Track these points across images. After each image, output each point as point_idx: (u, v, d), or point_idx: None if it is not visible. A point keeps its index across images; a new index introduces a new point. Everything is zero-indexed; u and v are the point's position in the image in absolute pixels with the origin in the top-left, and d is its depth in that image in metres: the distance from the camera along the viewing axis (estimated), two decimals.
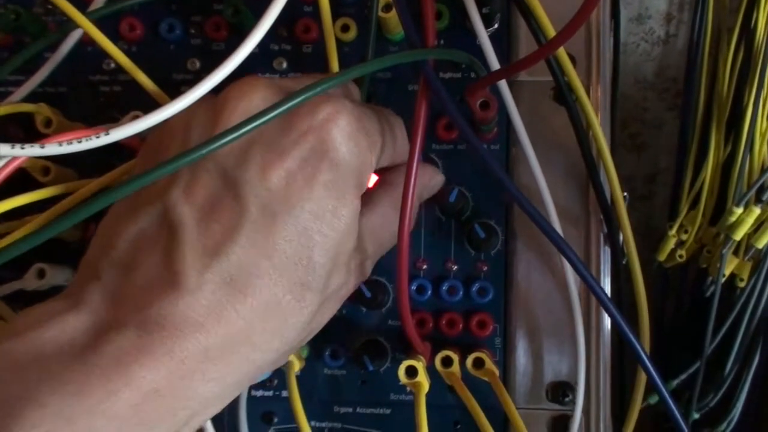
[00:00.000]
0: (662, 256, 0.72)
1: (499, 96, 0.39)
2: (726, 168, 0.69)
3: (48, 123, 0.42)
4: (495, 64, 0.39)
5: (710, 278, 0.69)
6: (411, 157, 0.34)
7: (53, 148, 0.30)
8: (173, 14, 0.45)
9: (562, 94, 0.39)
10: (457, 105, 0.35)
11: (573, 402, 0.41)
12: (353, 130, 0.33)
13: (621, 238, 0.42)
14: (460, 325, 0.42)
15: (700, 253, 0.72)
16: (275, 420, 0.44)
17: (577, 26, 0.30)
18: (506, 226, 0.43)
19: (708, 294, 0.69)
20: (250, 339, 0.31)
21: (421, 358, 0.39)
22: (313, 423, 0.43)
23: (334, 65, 0.39)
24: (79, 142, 0.30)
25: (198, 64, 0.45)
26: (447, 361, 0.39)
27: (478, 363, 0.40)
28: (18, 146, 0.30)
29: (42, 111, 0.41)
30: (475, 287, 0.42)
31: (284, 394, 0.43)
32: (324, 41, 0.40)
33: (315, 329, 0.36)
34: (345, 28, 0.43)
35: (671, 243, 0.72)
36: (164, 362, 0.29)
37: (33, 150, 0.30)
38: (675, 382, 0.74)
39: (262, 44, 0.43)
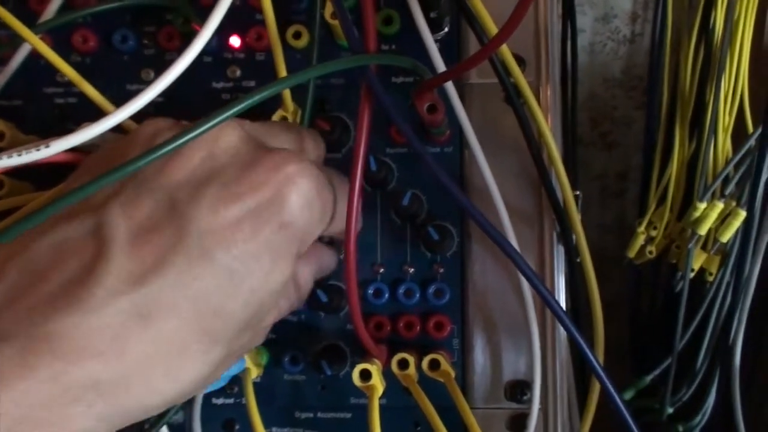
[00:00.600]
0: (632, 253, 0.73)
1: (447, 100, 0.40)
2: (692, 164, 0.70)
3: (1, 136, 0.42)
4: (441, 66, 0.39)
5: (680, 273, 0.70)
6: (354, 167, 0.34)
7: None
8: (126, 25, 0.45)
9: (509, 95, 0.39)
10: (405, 111, 0.36)
11: (531, 401, 0.41)
12: (311, 198, 0.33)
13: (574, 236, 0.42)
14: (418, 328, 0.42)
15: (669, 248, 0.72)
16: (237, 427, 0.44)
17: (515, 23, 0.30)
18: (461, 227, 0.43)
19: (678, 289, 0.70)
20: (147, 380, 0.29)
21: (376, 361, 0.39)
22: (274, 429, 0.43)
23: (282, 72, 0.39)
24: (19, 155, 0.30)
25: (152, 75, 0.45)
26: (403, 364, 0.40)
27: (434, 364, 0.40)
28: None
29: None
30: (431, 289, 0.43)
31: (245, 401, 0.43)
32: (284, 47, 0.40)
33: (209, 384, 0.34)
34: (297, 35, 0.44)
35: (640, 239, 0.72)
36: (45, 387, 0.26)
37: None
38: (649, 378, 0.75)
39: (215, 53, 0.44)
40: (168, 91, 0.36)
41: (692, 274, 0.67)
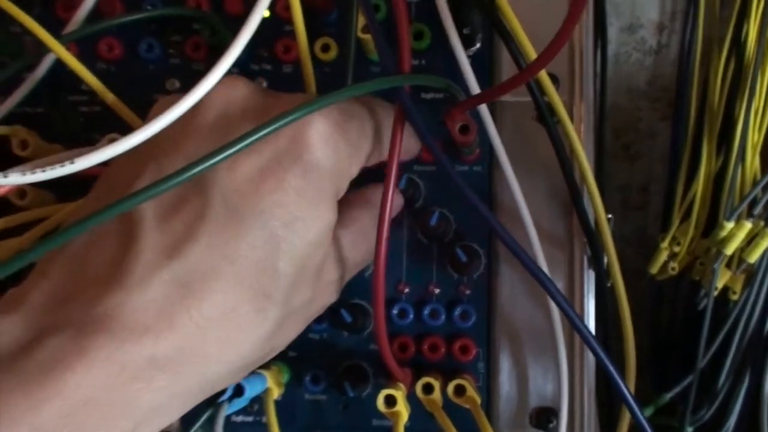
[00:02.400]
0: (654, 269, 0.72)
1: (479, 118, 0.39)
2: (718, 180, 0.69)
3: (24, 145, 0.41)
4: (474, 86, 0.38)
5: (703, 291, 0.69)
6: (386, 189, 0.33)
7: (16, 177, 0.29)
8: (152, 34, 0.45)
9: (543, 115, 0.38)
10: (435, 130, 0.35)
11: (557, 428, 0.40)
12: (332, 134, 0.31)
13: (606, 260, 0.41)
14: (443, 350, 0.42)
15: (692, 265, 0.71)
16: None
17: (557, 48, 0.29)
18: (489, 249, 0.42)
19: (701, 307, 0.69)
20: (203, 349, 0.29)
21: (401, 385, 0.38)
22: None
23: (311, 88, 0.38)
24: (43, 171, 0.29)
25: (177, 84, 0.45)
26: (428, 388, 0.39)
27: (460, 390, 0.39)
28: None
29: (17, 133, 0.41)
30: (457, 311, 0.42)
31: (265, 419, 0.43)
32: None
33: (277, 347, 0.34)
34: (325, 48, 0.43)
35: (663, 255, 0.71)
36: (102, 367, 0.26)
37: None
38: (669, 395, 0.74)
39: (242, 64, 0.43)
40: None
41: (716, 293, 0.66)
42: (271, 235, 0.30)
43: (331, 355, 0.43)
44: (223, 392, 0.37)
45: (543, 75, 0.38)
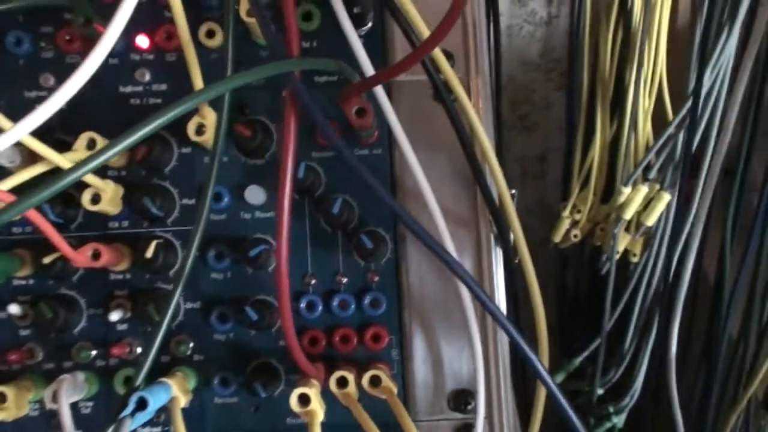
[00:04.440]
0: (557, 237, 0.73)
1: (375, 99, 0.37)
2: (613, 147, 0.70)
3: None
4: (368, 67, 0.37)
5: (605, 256, 0.70)
6: (283, 174, 0.31)
7: None
8: (20, 26, 0.41)
9: (440, 94, 0.37)
10: (329, 110, 0.33)
11: (475, 409, 0.39)
12: None
13: (512, 237, 0.41)
14: (355, 341, 0.40)
15: (593, 231, 0.72)
16: None
17: (450, 25, 0.28)
18: (395, 233, 0.41)
19: (603, 271, 0.70)
20: None
21: (314, 382, 0.37)
22: None
23: (197, 77, 0.36)
24: None
25: (52, 80, 0.42)
26: (342, 382, 0.38)
27: (375, 381, 0.38)
28: None
29: None
30: (367, 299, 0.41)
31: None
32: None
33: None
34: (210, 34, 0.41)
35: (565, 224, 0.72)
36: None
37: None
38: (578, 360, 0.75)
39: (122, 55, 0.41)
40: (72, 99, 0.32)
41: (617, 256, 0.67)
42: None
43: (240, 356, 0.41)
44: (124, 407, 0.34)
45: (437, 52, 0.37)
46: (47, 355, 0.41)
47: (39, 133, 0.33)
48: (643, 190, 0.62)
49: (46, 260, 0.39)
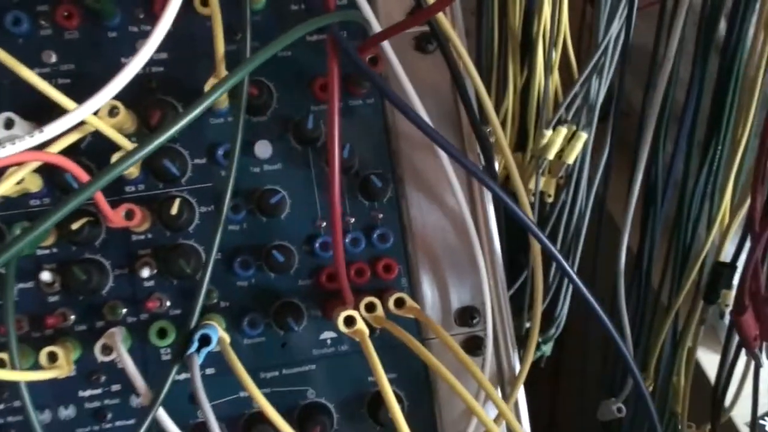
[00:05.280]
0: None
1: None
2: (523, 96, 0.76)
3: None
4: (373, 20, 0.41)
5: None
6: (331, 119, 0.35)
7: None
8: (17, 6, 0.42)
9: (438, 41, 0.41)
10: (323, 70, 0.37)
11: (481, 323, 0.45)
12: None
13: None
14: (368, 273, 0.44)
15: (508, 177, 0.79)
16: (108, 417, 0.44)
17: None
18: (393, 174, 0.45)
19: None
20: None
21: (349, 308, 0.41)
22: (241, 394, 0.44)
23: (220, 45, 0.39)
24: (13, 144, 0.28)
25: (54, 57, 0.43)
26: (370, 307, 0.42)
27: (399, 302, 0.42)
28: None
29: None
30: (375, 235, 0.45)
31: (114, 388, 0.44)
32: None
33: None
34: (204, 3, 0.43)
35: None
36: None
37: None
38: (509, 292, 0.81)
39: (121, 28, 0.43)
40: None
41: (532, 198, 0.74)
42: None
43: (263, 299, 0.44)
44: (186, 347, 0.37)
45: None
46: (78, 317, 0.43)
47: None
48: (563, 131, 0.69)
49: (75, 226, 0.41)
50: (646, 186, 0.67)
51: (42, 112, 0.39)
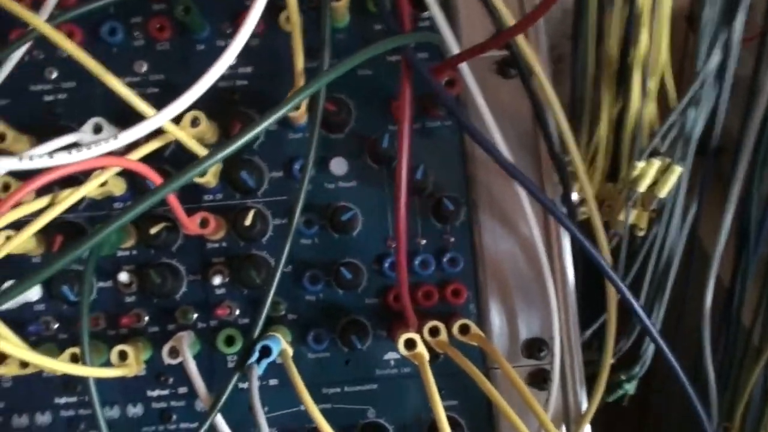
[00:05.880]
0: None
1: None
2: (617, 126, 0.74)
3: (2, 138, 0.40)
4: (452, 41, 0.41)
5: (611, 230, 0.74)
6: (401, 139, 0.35)
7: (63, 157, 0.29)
8: (112, 17, 0.44)
9: (518, 66, 0.41)
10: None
11: (549, 356, 0.44)
12: None
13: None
14: (436, 296, 0.44)
15: (600, 208, 0.77)
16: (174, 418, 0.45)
17: (547, 7, 0.32)
18: (467, 197, 0.45)
19: (612, 245, 0.74)
20: None
21: (412, 331, 0.41)
22: (301, 408, 0.44)
23: (299, 60, 0.40)
24: (89, 149, 0.30)
25: (145, 66, 0.45)
26: (434, 331, 0.41)
27: (464, 329, 0.42)
28: (26, 158, 0.29)
29: None
30: (446, 258, 0.44)
31: (181, 390, 0.45)
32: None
33: None
34: (289, 19, 0.44)
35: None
36: None
37: (41, 161, 0.29)
38: (588, 332, 0.79)
39: (207, 41, 0.44)
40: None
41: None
42: None
43: (329, 314, 0.44)
44: (247, 357, 0.38)
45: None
46: (151, 319, 0.44)
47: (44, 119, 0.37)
48: (656, 163, 0.67)
49: (153, 230, 0.42)
50: (740, 221, 0.65)
51: (133, 119, 0.41)
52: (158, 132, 0.38)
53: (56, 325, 0.44)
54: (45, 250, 0.43)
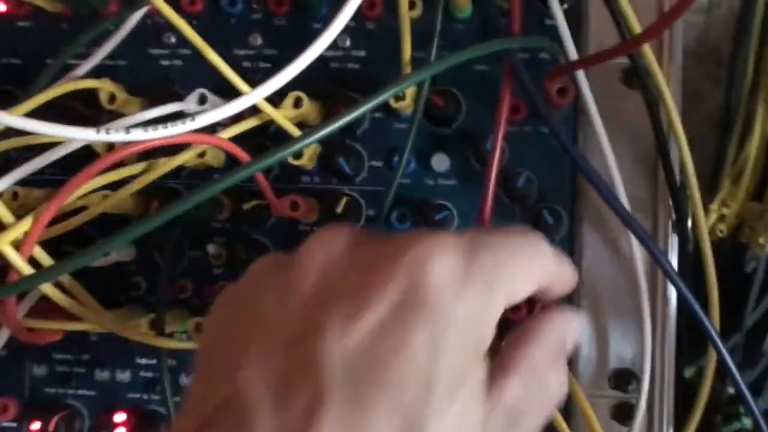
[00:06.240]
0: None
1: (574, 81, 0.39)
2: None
3: (111, 99, 0.41)
4: (571, 48, 0.38)
5: (750, 253, 0.69)
6: (494, 145, 0.33)
7: (138, 134, 0.30)
8: None
9: (639, 76, 0.38)
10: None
11: (636, 390, 0.41)
12: (459, 273, 0.25)
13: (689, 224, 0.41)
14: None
15: (740, 228, 0.71)
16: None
17: (672, 20, 0.29)
18: (571, 211, 0.42)
19: (749, 269, 0.69)
20: None
21: None
22: None
23: (407, 48, 0.38)
24: (165, 128, 0.30)
25: (260, 40, 0.44)
26: None
27: None
28: (103, 131, 0.30)
29: (106, 87, 0.41)
30: None
31: None
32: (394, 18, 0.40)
33: None
34: (412, 5, 0.42)
35: (712, 218, 0.71)
36: None
37: (118, 135, 0.29)
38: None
39: (325, 20, 0.43)
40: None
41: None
42: (405, 414, 0.24)
43: None
44: None
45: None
46: None
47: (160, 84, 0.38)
48: None
49: (246, 206, 0.42)
50: None
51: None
52: (256, 110, 0.38)
53: (144, 287, 0.45)
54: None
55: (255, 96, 0.35)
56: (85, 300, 0.37)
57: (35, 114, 0.35)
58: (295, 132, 0.39)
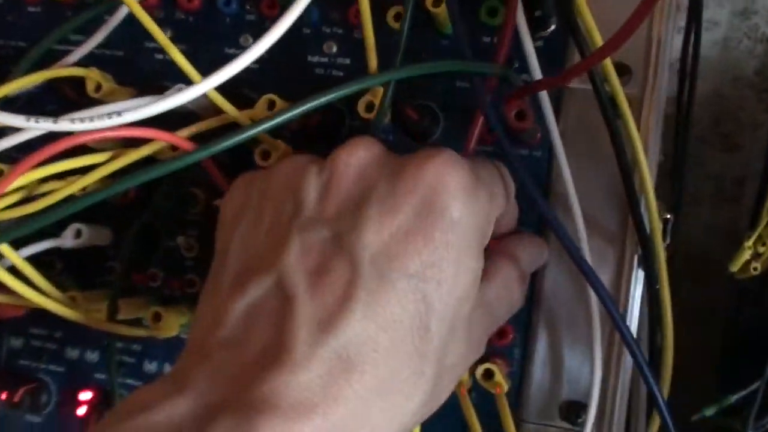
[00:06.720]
0: (735, 267, 0.69)
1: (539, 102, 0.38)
2: None
3: (98, 88, 0.42)
4: (537, 71, 0.37)
5: None
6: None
7: (64, 125, 0.30)
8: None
9: (603, 107, 0.37)
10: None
11: (584, 424, 0.39)
12: (470, 184, 0.31)
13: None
14: None
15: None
16: None
17: (623, 38, 0.28)
18: (539, 235, 0.42)
19: None
20: (369, 420, 0.28)
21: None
22: None
23: (372, 59, 0.38)
24: (91, 121, 0.30)
25: (250, 41, 0.45)
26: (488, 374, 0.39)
27: (488, 374, 0.39)
28: (33, 119, 0.31)
29: (92, 76, 0.42)
30: None
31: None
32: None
33: (432, 408, 0.32)
34: (398, 17, 0.42)
35: (746, 254, 0.68)
36: None
37: (45, 125, 0.31)
38: (735, 397, 0.71)
39: (314, 26, 0.44)
40: (263, 60, 0.38)
41: None
42: (423, 297, 0.29)
43: None
44: None
45: (608, 64, 0.37)
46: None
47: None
48: None
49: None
50: None
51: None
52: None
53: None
54: None
55: (204, 86, 0.35)
56: (39, 282, 0.38)
57: None
58: (244, 120, 0.39)
